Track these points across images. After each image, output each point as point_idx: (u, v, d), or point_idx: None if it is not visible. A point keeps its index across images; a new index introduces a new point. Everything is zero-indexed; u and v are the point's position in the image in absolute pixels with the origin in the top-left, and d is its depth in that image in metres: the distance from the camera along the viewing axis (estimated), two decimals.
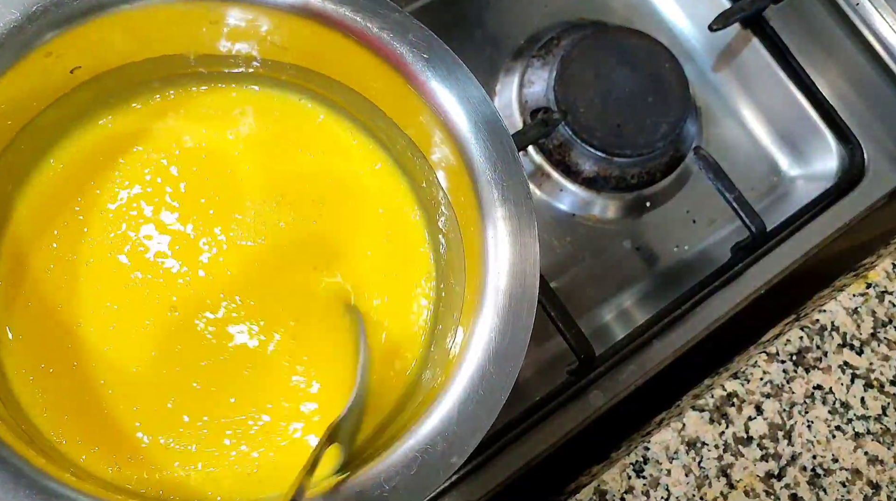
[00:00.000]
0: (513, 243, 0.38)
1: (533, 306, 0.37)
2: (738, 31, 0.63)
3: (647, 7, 0.65)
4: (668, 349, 0.53)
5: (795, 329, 0.51)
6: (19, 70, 0.36)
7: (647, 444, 0.46)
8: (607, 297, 0.58)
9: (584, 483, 0.46)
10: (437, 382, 0.37)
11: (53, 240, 0.40)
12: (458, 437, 0.34)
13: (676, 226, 0.60)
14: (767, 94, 0.63)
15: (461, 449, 0.34)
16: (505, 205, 0.38)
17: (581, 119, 0.56)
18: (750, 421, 0.48)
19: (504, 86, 0.60)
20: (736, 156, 0.63)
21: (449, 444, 0.34)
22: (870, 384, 0.50)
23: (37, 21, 0.36)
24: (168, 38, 0.41)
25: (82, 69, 0.39)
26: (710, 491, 0.46)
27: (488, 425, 0.35)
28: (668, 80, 0.58)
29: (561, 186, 0.58)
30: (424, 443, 0.34)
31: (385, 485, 0.33)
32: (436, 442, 0.34)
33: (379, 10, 0.39)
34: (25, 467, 0.31)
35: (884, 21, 0.60)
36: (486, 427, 0.35)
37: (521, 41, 0.61)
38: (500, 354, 0.36)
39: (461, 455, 0.34)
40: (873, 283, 0.52)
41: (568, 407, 0.50)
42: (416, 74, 0.39)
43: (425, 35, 0.39)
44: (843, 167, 0.61)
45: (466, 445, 0.34)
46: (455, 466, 0.34)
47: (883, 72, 0.61)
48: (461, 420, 0.35)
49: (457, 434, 0.34)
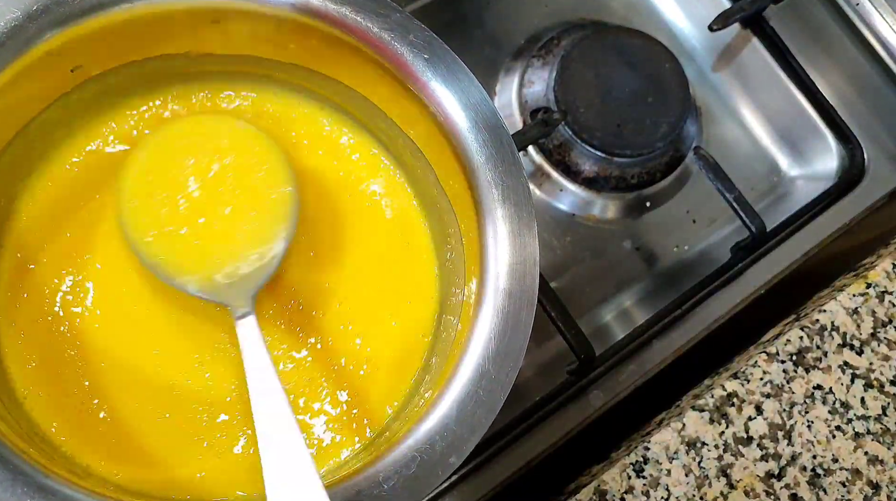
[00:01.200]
0: (512, 243, 0.38)
1: (532, 306, 0.37)
2: (738, 31, 0.63)
3: (646, 7, 0.65)
4: (668, 349, 0.53)
5: (795, 329, 0.51)
6: (20, 69, 0.36)
7: (647, 444, 0.46)
8: (607, 297, 0.58)
9: (584, 483, 0.46)
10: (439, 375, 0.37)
11: (55, 238, 0.40)
12: (456, 437, 0.34)
13: (676, 226, 0.60)
14: (767, 94, 0.63)
15: (460, 450, 0.34)
16: (505, 205, 0.38)
17: (581, 119, 0.56)
18: (750, 421, 0.48)
19: (504, 86, 0.60)
20: (736, 156, 0.63)
21: (448, 444, 0.34)
22: (870, 384, 0.50)
23: (37, 20, 0.36)
24: (169, 37, 0.41)
25: (83, 68, 0.39)
26: (710, 491, 0.46)
27: (487, 425, 0.35)
28: (668, 80, 0.58)
29: (561, 186, 0.58)
30: (423, 443, 0.34)
31: (384, 485, 0.33)
32: (434, 442, 0.34)
33: (380, 10, 0.39)
34: (24, 465, 0.31)
35: (884, 21, 0.60)
36: (485, 427, 0.35)
37: (521, 41, 0.61)
38: (500, 354, 0.36)
39: (460, 456, 0.34)
40: (873, 283, 0.52)
41: (568, 407, 0.50)
42: (416, 75, 0.39)
43: (426, 35, 0.39)
44: (843, 167, 0.61)
45: (465, 445, 0.34)
46: (454, 466, 0.34)
47: (883, 72, 0.61)
48: (460, 420, 0.35)
49: (456, 435, 0.34)
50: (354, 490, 0.33)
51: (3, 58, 0.35)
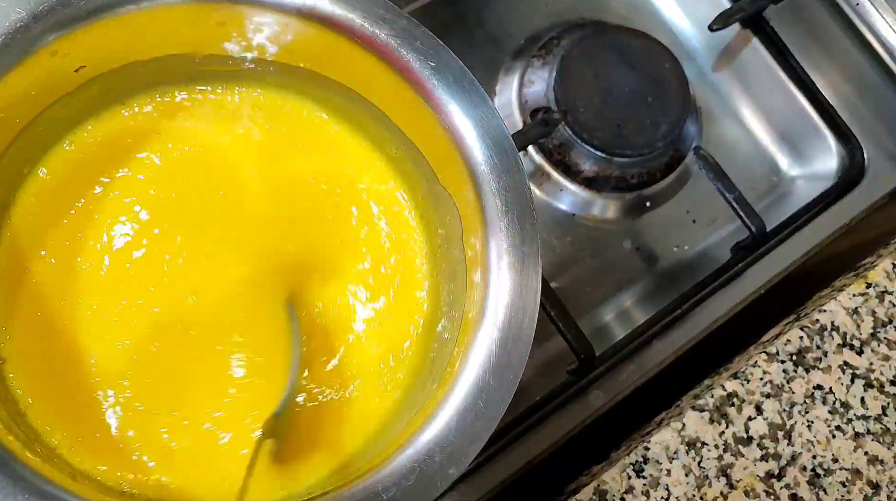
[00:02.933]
0: (514, 255, 0.37)
1: (534, 319, 0.37)
2: (738, 31, 0.63)
3: (646, 7, 0.65)
4: (668, 349, 0.53)
5: (795, 329, 0.51)
6: (24, 68, 0.36)
7: (647, 444, 0.46)
8: (607, 297, 0.58)
9: (584, 483, 0.46)
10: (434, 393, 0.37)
11: (53, 238, 0.40)
12: (456, 449, 0.34)
13: (676, 226, 0.60)
14: (767, 94, 0.63)
15: (459, 461, 0.34)
16: (507, 215, 0.38)
17: (581, 119, 0.56)
18: (750, 421, 0.48)
19: (504, 86, 0.60)
20: (736, 156, 0.63)
21: (447, 455, 0.34)
22: (870, 384, 0.50)
23: (43, 20, 0.36)
24: (174, 38, 0.40)
25: (87, 68, 0.39)
26: (710, 491, 0.46)
27: (487, 437, 0.35)
28: (668, 80, 0.58)
29: (561, 186, 0.58)
30: (423, 454, 0.34)
31: (382, 495, 0.33)
32: (433, 454, 0.34)
33: (387, 16, 0.39)
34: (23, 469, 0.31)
35: (884, 21, 0.60)
36: (484, 438, 0.35)
37: (521, 41, 0.61)
38: (500, 366, 0.36)
39: (459, 467, 0.34)
40: (873, 283, 0.52)
41: (568, 407, 0.50)
42: (422, 82, 0.39)
43: (433, 43, 0.39)
44: (843, 167, 0.61)
45: (464, 457, 0.34)
46: (453, 477, 0.34)
47: (883, 72, 0.61)
48: (459, 432, 0.35)
49: (455, 446, 0.34)
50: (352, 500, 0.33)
51: (8, 57, 0.35)
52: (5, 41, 0.35)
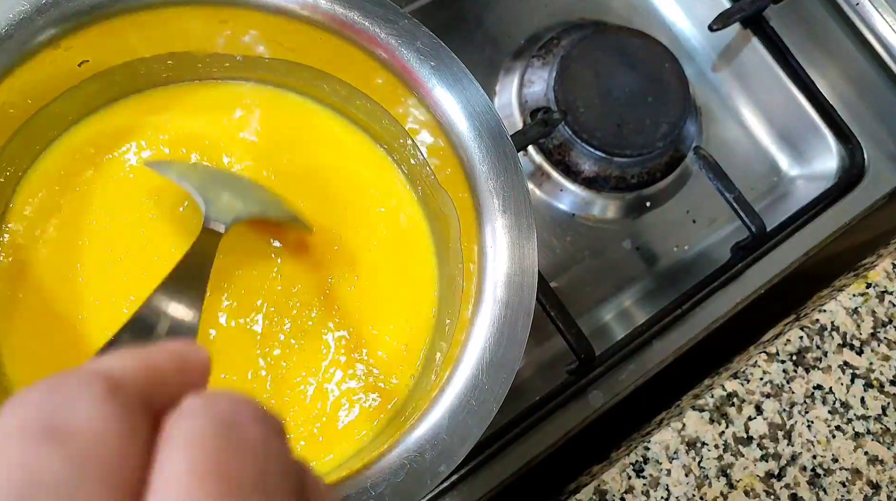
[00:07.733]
0: (511, 253, 0.37)
1: (529, 318, 0.37)
2: (738, 31, 0.63)
3: (647, 7, 0.65)
4: (668, 349, 0.53)
5: (795, 329, 0.51)
6: (27, 61, 0.36)
7: (647, 444, 0.46)
8: (607, 297, 0.58)
9: (584, 483, 0.46)
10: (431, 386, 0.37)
11: (54, 230, 0.40)
12: (447, 446, 0.34)
13: (676, 226, 0.60)
14: (767, 94, 0.63)
15: (450, 459, 0.34)
16: (505, 214, 0.38)
17: (581, 119, 0.56)
18: (750, 421, 0.48)
19: (504, 86, 0.60)
20: (736, 156, 0.63)
21: (438, 453, 0.34)
22: (870, 384, 0.50)
23: (46, 14, 0.36)
24: (177, 36, 0.41)
25: (90, 63, 0.39)
26: (710, 491, 0.46)
27: (478, 435, 0.35)
28: (668, 80, 0.58)
29: (561, 186, 0.58)
30: (413, 451, 0.34)
31: (371, 491, 0.33)
32: (424, 451, 0.34)
33: (388, 16, 0.39)
34: None
35: (884, 21, 0.60)
36: (476, 437, 0.35)
37: (521, 41, 0.61)
38: (494, 365, 0.36)
39: (449, 465, 0.34)
40: (873, 283, 0.52)
41: (568, 407, 0.50)
42: (422, 81, 0.39)
43: (433, 43, 0.40)
44: (843, 167, 0.61)
45: (455, 455, 0.34)
46: (443, 475, 0.34)
47: (883, 72, 0.61)
48: (451, 430, 0.35)
49: (446, 444, 0.34)
50: (342, 495, 0.33)
51: (11, 50, 0.35)
52: (8, 33, 0.35)
